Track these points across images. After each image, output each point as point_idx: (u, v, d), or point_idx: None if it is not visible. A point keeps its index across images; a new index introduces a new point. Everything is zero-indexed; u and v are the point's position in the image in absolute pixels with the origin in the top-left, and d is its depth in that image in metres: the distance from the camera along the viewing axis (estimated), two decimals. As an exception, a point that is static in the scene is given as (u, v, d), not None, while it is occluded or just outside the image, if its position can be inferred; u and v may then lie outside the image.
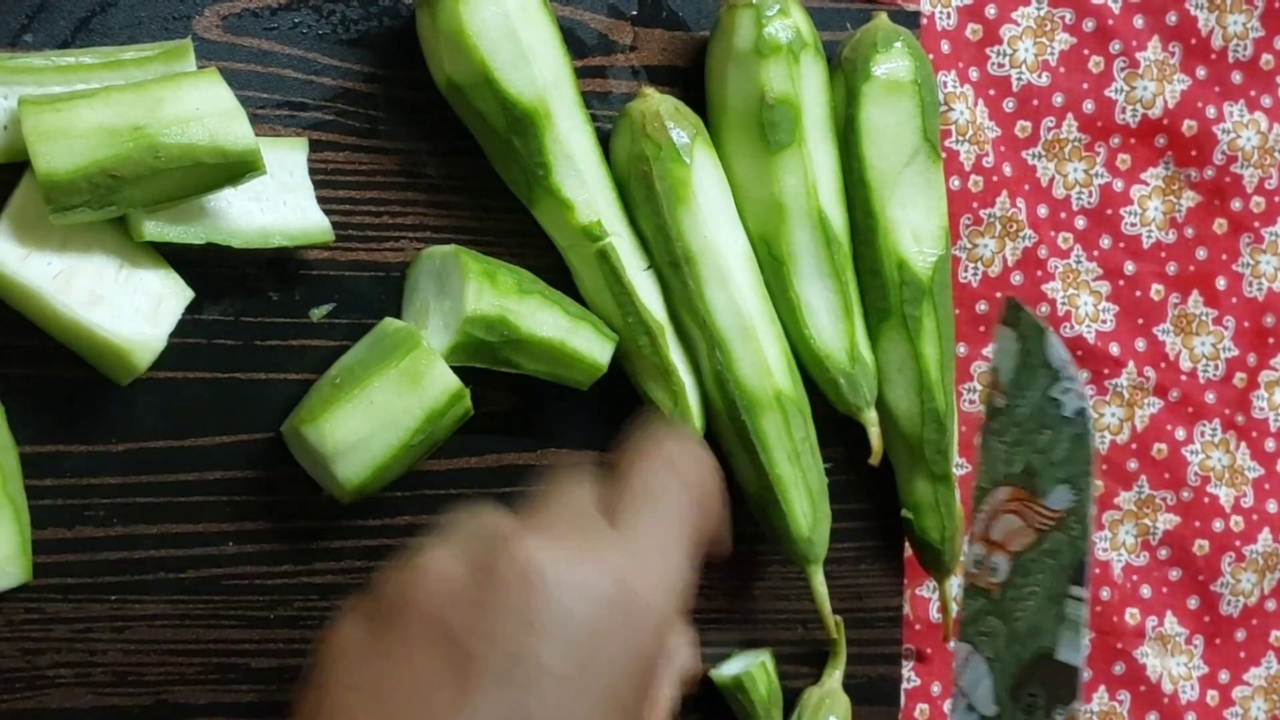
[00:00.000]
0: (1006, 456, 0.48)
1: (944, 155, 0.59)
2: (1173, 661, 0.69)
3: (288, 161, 0.52)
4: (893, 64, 0.56)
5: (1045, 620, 0.45)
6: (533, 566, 0.38)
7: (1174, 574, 0.69)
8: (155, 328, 0.49)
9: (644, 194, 0.54)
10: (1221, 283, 0.68)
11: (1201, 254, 0.68)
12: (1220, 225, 0.68)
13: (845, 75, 0.57)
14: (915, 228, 0.57)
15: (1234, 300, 0.68)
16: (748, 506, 0.59)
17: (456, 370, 0.52)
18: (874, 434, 0.58)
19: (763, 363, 0.56)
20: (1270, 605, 0.71)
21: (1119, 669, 0.69)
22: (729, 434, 0.57)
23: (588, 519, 0.41)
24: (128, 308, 0.48)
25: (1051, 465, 0.46)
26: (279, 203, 0.52)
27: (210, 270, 0.52)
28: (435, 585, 0.39)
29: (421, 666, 0.38)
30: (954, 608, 0.64)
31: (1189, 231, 0.68)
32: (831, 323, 0.57)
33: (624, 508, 0.42)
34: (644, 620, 0.40)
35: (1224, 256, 0.68)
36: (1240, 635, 0.70)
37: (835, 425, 0.60)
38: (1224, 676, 0.70)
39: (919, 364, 0.58)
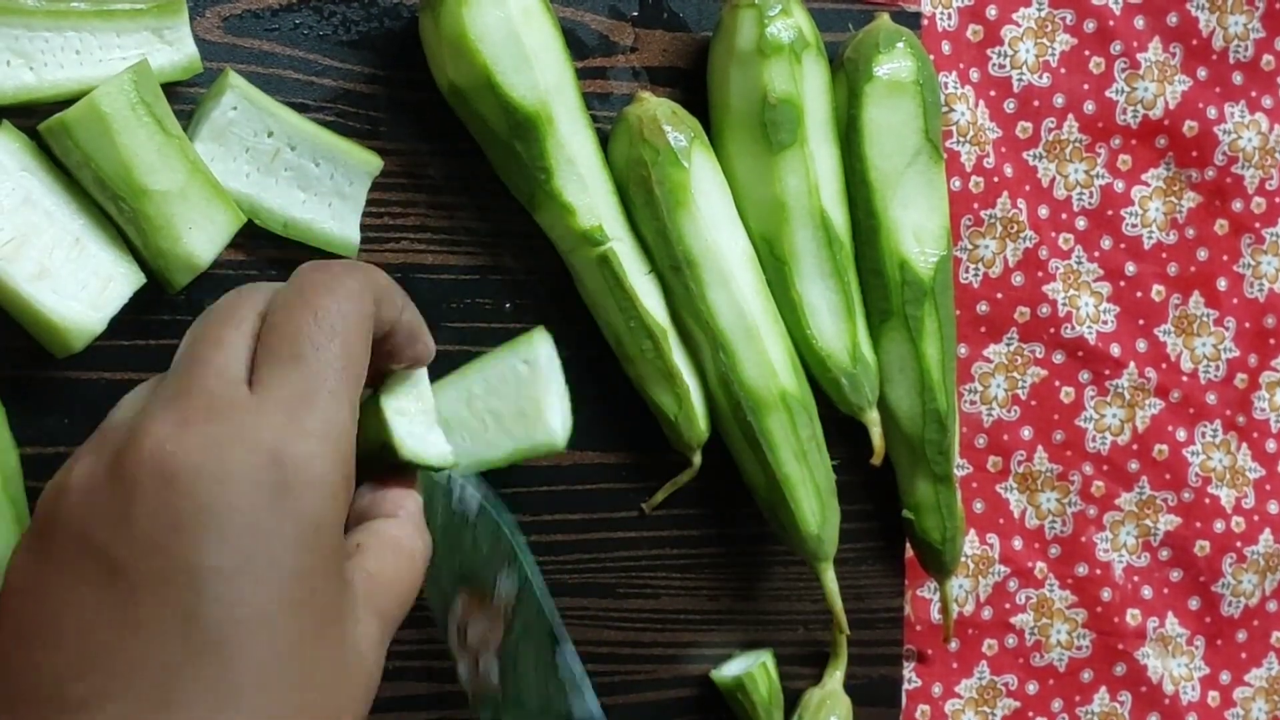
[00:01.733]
0: (448, 570, 0.48)
1: (945, 156, 0.59)
2: (1174, 662, 0.69)
3: (355, 170, 0.52)
4: (895, 64, 0.56)
5: (549, 691, 0.45)
6: (164, 460, 0.35)
7: (1175, 575, 0.69)
8: (97, 310, 0.48)
9: (643, 198, 0.54)
10: (1222, 284, 0.68)
11: (1202, 255, 0.68)
12: (1221, 226, 0.68)
13: (847, 75, 0.57)
14: (917, 228, 0.57)
15: (1235, 301, 0.68)
16: (757, 506, 0.59)
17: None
18: (875, 434, 0.58)
19: (767, 363, 0.55)
20: (1271, 606, 0.71)
21: (1120, 670, 0.69)
22: (735, 434, 0.57)
23: (222, 387, 0.37)
24: (73, 285, 0.48)
25: (484, 562, 0.47)
26: (325, 203, 0.52)
27: (214, 266, 0.52)
28: (76, 499, 0.36)
29: (81, 598, 0.35)
30: (954, 609, 0.64)
31: (1190, 232, 0.68)
32: (833, 322, 0.57)
33: (262, 366, 0.37)
34: (307, 490, 0.36)
35: (1225, 257, 0.68)
36: (1241, 636, 0.70)
37: (837, 425, 0.60)
38: (1225, 677, 0.70)
39: (920, 364, 0.58)
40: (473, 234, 0.56)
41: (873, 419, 0.58)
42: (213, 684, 0.34)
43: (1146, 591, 0.69)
